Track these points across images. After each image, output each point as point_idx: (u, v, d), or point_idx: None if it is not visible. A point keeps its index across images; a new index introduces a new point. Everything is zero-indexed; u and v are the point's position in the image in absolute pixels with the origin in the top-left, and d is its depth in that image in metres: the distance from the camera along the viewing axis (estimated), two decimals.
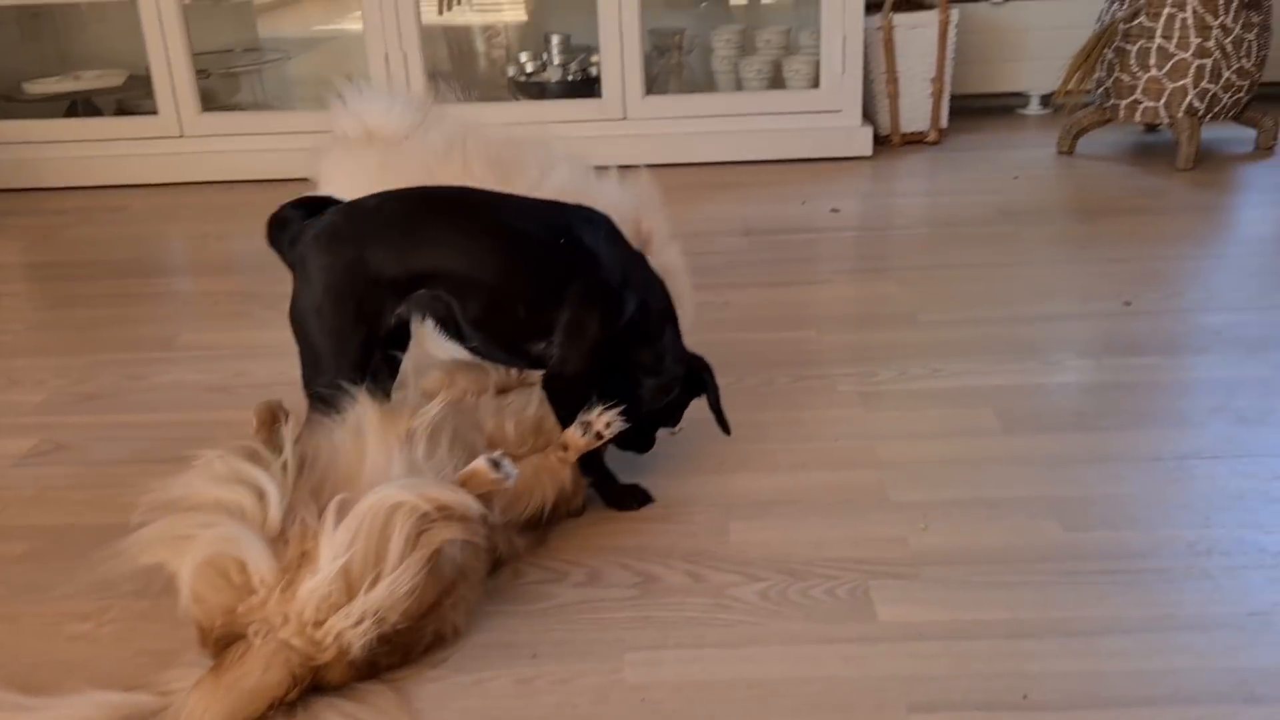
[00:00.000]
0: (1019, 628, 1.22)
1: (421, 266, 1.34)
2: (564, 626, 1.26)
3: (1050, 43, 3.48)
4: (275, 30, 4.18)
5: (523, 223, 1.39)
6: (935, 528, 1.41)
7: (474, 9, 4.09)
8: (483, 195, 1.42)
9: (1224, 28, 2.82)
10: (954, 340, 1.95)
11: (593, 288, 1.37)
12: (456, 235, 1.36)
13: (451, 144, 1.65)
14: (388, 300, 1.34)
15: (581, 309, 1.36)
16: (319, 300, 1.33)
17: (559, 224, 1.40)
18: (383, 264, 1.33)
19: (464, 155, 1.64)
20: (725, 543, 1.40)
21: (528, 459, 1.39)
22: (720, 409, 1.49)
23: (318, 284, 1.33)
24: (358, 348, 1.35)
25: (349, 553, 1.12)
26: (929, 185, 2.96)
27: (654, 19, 3.38)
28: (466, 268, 1.35)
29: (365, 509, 1.14)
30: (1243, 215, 2.59)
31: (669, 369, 1.45)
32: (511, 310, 1.36)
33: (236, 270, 2.52)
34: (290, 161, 3.20)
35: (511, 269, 1.36)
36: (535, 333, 1.37)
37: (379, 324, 1.35)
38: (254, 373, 1.94)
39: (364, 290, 1.33)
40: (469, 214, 1.38)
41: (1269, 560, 1.31)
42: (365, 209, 1.37)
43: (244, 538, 1.14)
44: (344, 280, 1.33)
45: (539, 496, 1.38)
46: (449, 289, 1.35)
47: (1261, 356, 1.83)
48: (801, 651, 1.20)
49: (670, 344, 1.45)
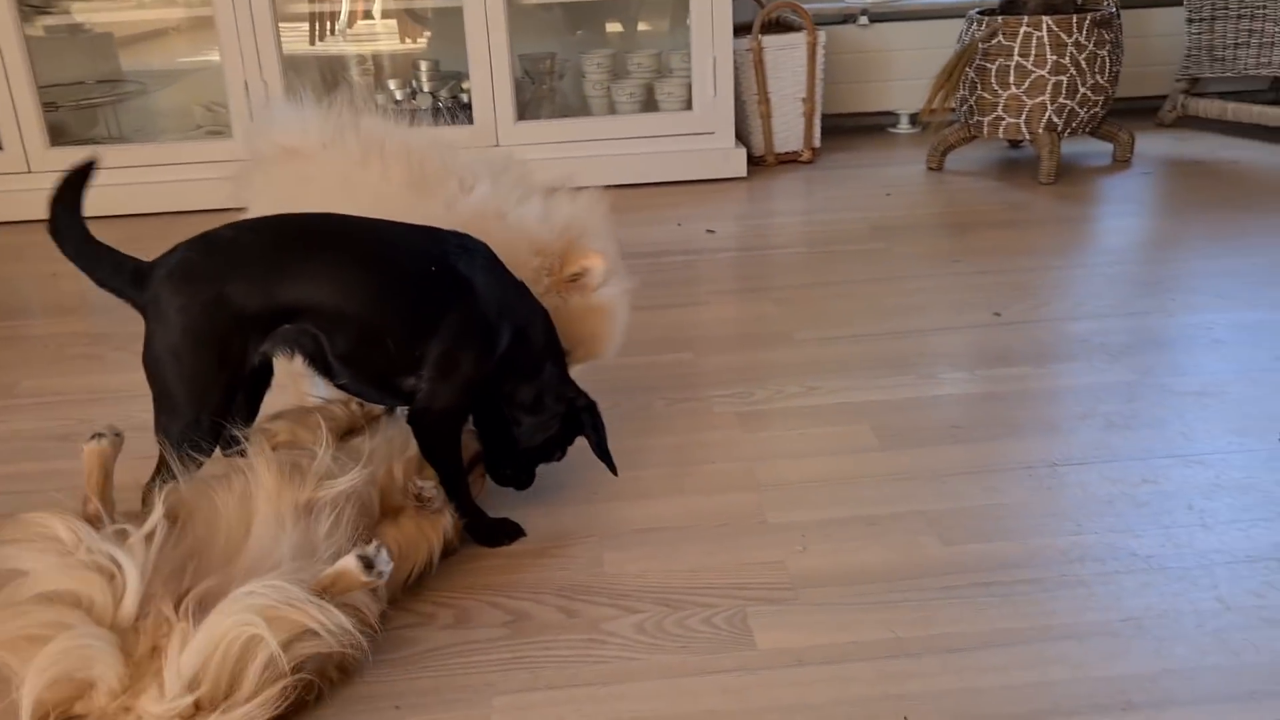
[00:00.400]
0: (898, 647, 1.19)
1: (286, 300, 1.26)
2: (430, 673, 1.19)
3: (916, 63, 3.55)
4: (140, 63, 4.02)
5: (392, 251, 1.32)
6: (814, 548, 1.38)
7: (348, 40, 4.01)
8: (349, 222, 1.34)
9: (1078, 45, 2.91)
10: (830, 357, 1.94)
11: (466, 320, 1.31)
12: (321, 266, 1.28)
13: (369, 150, 1.56)
14: (251, 338, 1.26)
15: (454, 342, 1.30)
16: (176, 343, 1.24)
17: (432, 252, 1.33)
18: (245, 300, 1.24)
19: (383, 162, 1.54)
20: (600, 574, 1.35)
21: (407, 514, 1.31)
22: (606, 452, 1.44)
23: (174, 326, 1.24)
24: (220, 391, 1.26)
25: (197, 693, 1.01)
26: (804, 204, 2.97)
27: (524, 44, 3.35)
28: (333, 300, 1.27)
29: (220, 634, 1.02)
30: (1103, 226, 2.66)
31: (549, 407, 1.40)
32: (381, 344, 1.29)
33: (87, 311, 2.39)
34: (147, 196, 3.09)
35: (380, 300, 1.28)
36: (406, 367, 1.30)
37: (242, 364, 1.27)
38: (101, 417, 1.81)
39: (225, 330, 1.24)
40: (334, 243, 1.30)
41: (1140, 565, 1.32)
42: (222, 241, 1.28)
43: (94, 648, 1.01)
44: (203, 320, 1.24)
45: (425, 553, 1.31)
46: (315, 323, 1.27)
47: (1126, 362, 1.87)
48: (678, 685, 1.15)
49: (551, 381, 1.40)
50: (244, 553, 1.13)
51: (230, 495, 1.18)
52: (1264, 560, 1.32)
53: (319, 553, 1.15)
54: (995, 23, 2.97)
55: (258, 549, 1.13)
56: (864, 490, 1.51)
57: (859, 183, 3.10)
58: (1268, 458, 1.54)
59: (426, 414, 1.33)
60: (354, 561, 1.09)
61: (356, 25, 4.02)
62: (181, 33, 4.31)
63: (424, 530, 1.31)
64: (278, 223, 1.31)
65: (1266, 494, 1.46)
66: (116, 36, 3.84)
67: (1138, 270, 2.32)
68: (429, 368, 1.30)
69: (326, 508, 1.18)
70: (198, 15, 3.48)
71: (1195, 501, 1.45)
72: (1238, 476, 1.50)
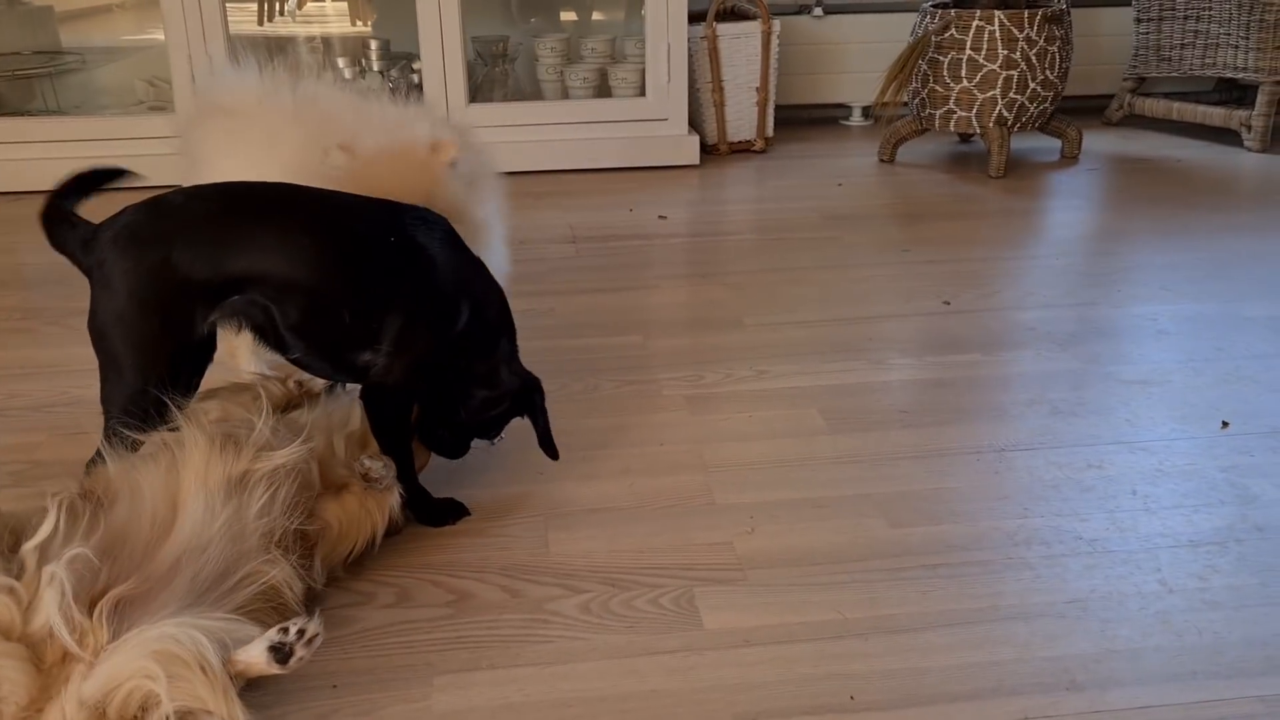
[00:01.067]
0: (845, 628, 1.19)
1: (236, 269, 1.21)
2: (369, 653, 1.16)
3: (869, 55, 3.56)
4: (82, 38, 3.93)
5: (347, 221, 1.28)
6: (761, 530, 1.37)
7: (298, 20, 3.94)
8: (303, 192, 1.30)
9: (1029, 40, 2.93)
10: (780, 342, 1.94)
11: (425, 293, 1.28)
12: (274, 235, 1.23)
13: (302, 108, 1.54)
14: (199, 307, 1.22)
15: (412, 316, 1.27)
16: (122, 307, 1.20)
17: (389, 223, 1.29)
18: (192, 267, 1.20)
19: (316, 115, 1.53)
20: (544, 554, 1.33)
21: (351, 491, 1.28)
22: (549, 435, 1.41)
23: (120, 290, 1.20)
24: (166, 360, 1.23)
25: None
26: (756, 192, 2.96)
27: (477, 26, 3.30)
28: (285, 270, 1.22)
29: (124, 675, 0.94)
30: (1051, 219, 2.68)
31: (505, 381, 1.36)
32: (335, 315, 1.25)
33: (20, 285, 2.31)
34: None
35: (335, 271, 1.24)
36: (361, 341, 1.26)
37: (190, 333, 1.23)
38: (31, 393, 1.76)
39: (172, 296, 1.20)
40: (286, 211, 1.26)
41: (1084, 548, 1.32)
42: (170, 206, 1.24)
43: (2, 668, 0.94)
44: (149, 285, 1.20)
45: (368, 531, 1.27)
46: (266, 293, 1.23)
47: (1072, 350, 1.88)
48: (624, 666, 1.14)
49: (505, 356, 1.37)
50: (170, 537, 1.08)
51: (156, 473, 1.13)
52: (1205, 544, 1.33)
53: (249, 536, 1.11)
54: (948, 16, 2.98)
55: (185, 532, 1.09)
56: (812, 473, 1.50)
57: (811, 173, 3.10)
58: (1209, 445, 1.56)
59: (381, 389, 1.30)
60: (262, 653, 0.98)
61: (306, 7, 3.95)
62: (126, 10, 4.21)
63: (368, 508, 1.28)
64: (228, 190, 1.27)
65: (1208, 480, 1.47)
66: (57, 11, 3.75)
67: (1085, 262, 2.34)
68: (387, 341, 1.27)
69: (263, 482, 1.14)
70: None
71: (1139, 487, 1.46)
72: (1180, 463, 1.51)
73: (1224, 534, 1.35)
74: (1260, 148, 3.23)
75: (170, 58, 2.96)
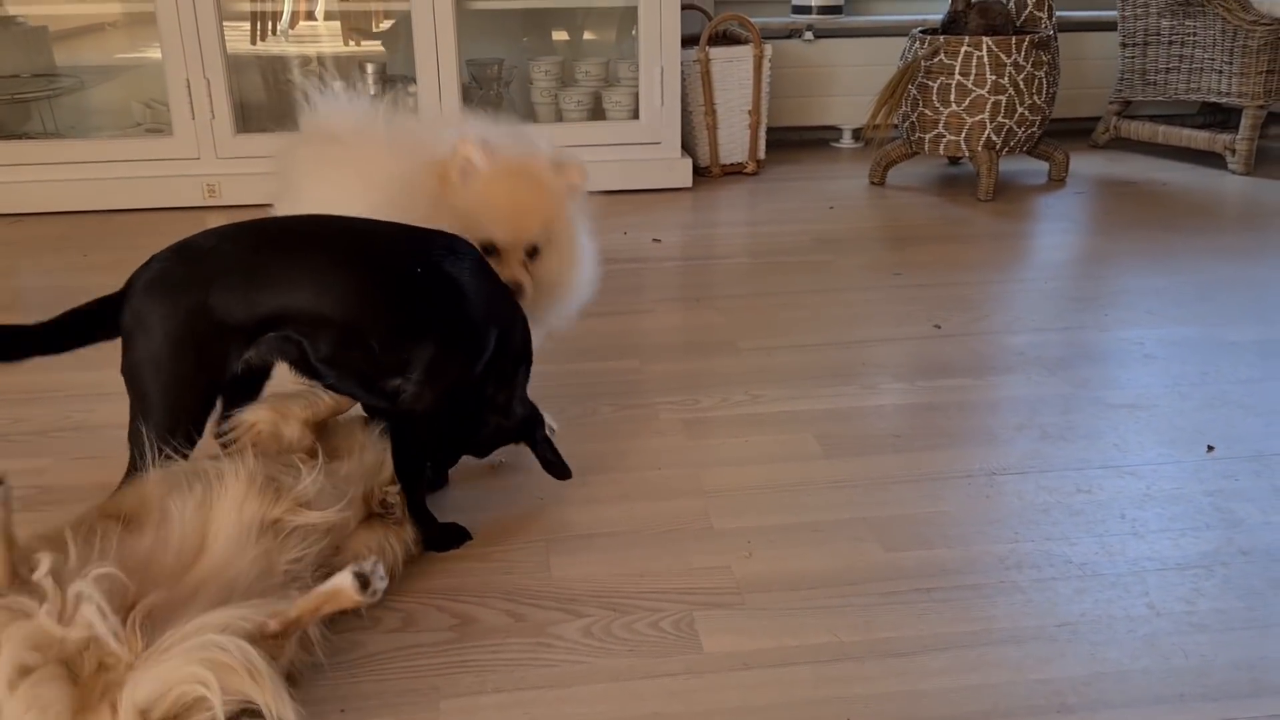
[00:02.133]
0: (842, 651, 1.21)
1: (268, 309, 1.24)
2: (376, 677, 1.18)
3: (860, 79, 3.61)
4: (77, 58, 3.95)
5: (375, 252, 1.31)
6: (759, 554, 1.40)
7: (290, 40, 3.97)
8: (332, 223, 1.33)
9: (1016, 65, 2.98)
10: (775, 366, 1.97)
11: (454, 323, 1.31)
12: (303, 272, 1.26)
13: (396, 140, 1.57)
14: (234, 347, 1.25)
15: (442, 345, 1.30)
16: (158, 350, 1.23)
17: (417, 253, 1.32)
18: (228, 309, 1.23)
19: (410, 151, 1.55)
20: (546, 578, 1.35)
21: (369, 525, 1.30)
22: (556, 460, 1.45)
23: (157, 333, 1.23)
24: (199, 399, 1.26)
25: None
26: (748, 215, 3.00)
27: (472, 49, 3.34)
28: (315, 305, 1.25)
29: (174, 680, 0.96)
30: (1040, 243, 2.72)
31: (515, 411, 1.40)
32: (364, 346, 1.27)
33: (20, 309, 2.33)
34: (83, 192, 3.03)
35: (362, 303, 1.27)
36: (392, 369, 1.29)
37: (222, 372, 1.26)
38: (35, 418, 1.78)
39: (207, 338, 1.23)
40: (315, 246, 1.29)
41: (1074, 572, 1.35)
42: (201, 249, 1.27)
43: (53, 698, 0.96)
44: (187, 328, 1.23)
45: (389, 563, 1.29)
46: (297, 329, 1.26)
47: (1062, 375, 1.91)
48: (626, 689, 1.16)
49: (520, 386, 1.40)
50: (196, 566, 1.10)
51: (188, 502, 1.14)
52: (1192, 568, 1.36)
53: (275, 575, 1.13)
54: (937, 42, 3.03)
55: (215, 560, 1.11)
56: (808, 497, 1.53)
57: (803, 195, 3.14)
58: (1195, 469, 1.59)
59: (409, 415, 1.32)
60: (349, 579, 1.05)
61: (299, 26, 3.98)
62: (120, 28, 4.24)
63: (388, 540, 1.31)
64: (256, 228, 1.30)
65: (1194, 504, 1.50)
66: (51, 30, 3.77)
67: (1072, 286, 2.37)
68: (418, 370, 1.29)
69: (296, 533, 1.17)
70: (137, 11, 3.42)
71: (1128, 511, 1.49)
72: (1168, 487, 1.55)
73: (1210, 558, 1.38)
74: (1244, 171, 3.28)
75: (166, 77, 2.99)
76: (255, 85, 3.67)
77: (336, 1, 3.77)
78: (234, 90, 3.05)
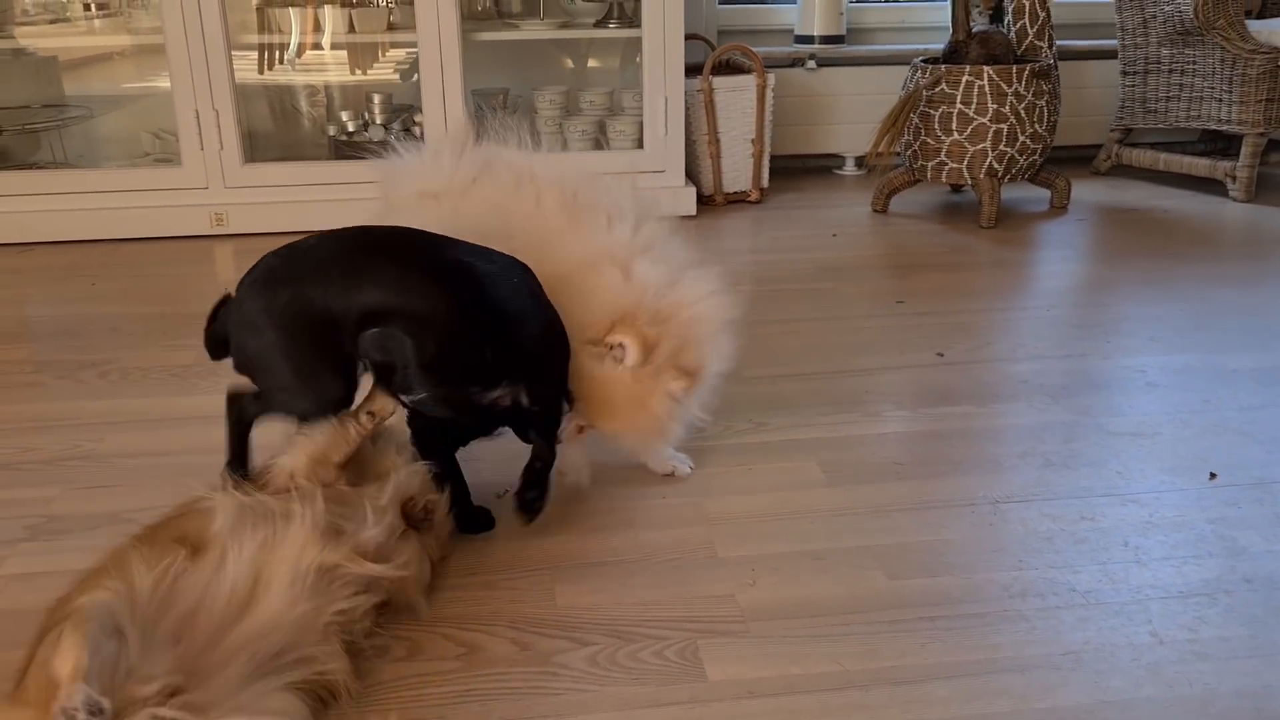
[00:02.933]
0: (847, 679, 1.22)
1: (368, 302, 1.27)
2: (383, 707, 1.19)
3: (862, 107, 3.63)
4: (85, 88, 3.99)
5: (473, 260, 1.34)
6: (763, 582, 1.40)
7: (297, 69, 4.01)
8: (427, 234, 1.36)
9: (1018, 94, 3.00)
10: (778, 394, 1.98)
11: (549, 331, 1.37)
12: (405, 270, 1.29)
13: (520, 178, 1.56)
14: (344, 335, 1.28)
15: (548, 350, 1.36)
16: (271, 341, 1.27)
17: (505, 264, 1.36)
18: (326, 300, 1.26)
19: (535, 188, 1.55)
20: (551, 606, 1.36)
21: (407, 538, 1.32)
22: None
23: (264, 327, 1.27)
24: (329, 377, 1.30)
25: None
26: (751, 243, 3.02)
27: (477, 79, 3.37)
28: (421, 304, 1.27)
29: None
30: (1042, 270, 2.74)
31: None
32: (476, 351, 1.30)
33: (29, 338, 2.35)
34: (92, 221, 3.05)
35: (471, 308, 1.30)
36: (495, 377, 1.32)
37: (341, 352, 1.29)
38: (44, 447, 1.79)
39: (312, 322, 1.27)
40: (416, 250, 1.33)
41: (1078, 600, 1.36)
42: (304, 247, 1.31)
43: None
44: (288, 315, 1.27)
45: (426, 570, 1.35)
46: (404, 326, 1.27)
47: (1064, 402, 1.92)
48: (631, 717, 1.16)
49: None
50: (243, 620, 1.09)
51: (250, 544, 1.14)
52: (1195, 596, 1.36)
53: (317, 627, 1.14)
54: (939, 71, 3.06)
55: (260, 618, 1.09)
56: (812, 525, 1.54)
57: (806, 223, 3.16)
58: (1198, 497, 1.60)
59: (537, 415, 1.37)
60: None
61: (305, 55, 4.02)
62: (128, 58, 4.28)
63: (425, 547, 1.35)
64: (361, 229, 1.34)
65: (1197, 532, 1.51)
66: (61, 61, 3.81)
67: (1075, 313, 2.39)
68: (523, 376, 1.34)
69: (351, 584, 1.18)
70: (146, 42, 3.46)
71: (1131, 539, 1.49)
72: (1170, 515, 1.55)
73: (1213, 585, 1.38)
74: (1245, 198, 3.30)
75: (175, 107, 3.02)
76: (263, 114, 3.71)
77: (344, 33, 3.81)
78: (242, 120, 3.08)
